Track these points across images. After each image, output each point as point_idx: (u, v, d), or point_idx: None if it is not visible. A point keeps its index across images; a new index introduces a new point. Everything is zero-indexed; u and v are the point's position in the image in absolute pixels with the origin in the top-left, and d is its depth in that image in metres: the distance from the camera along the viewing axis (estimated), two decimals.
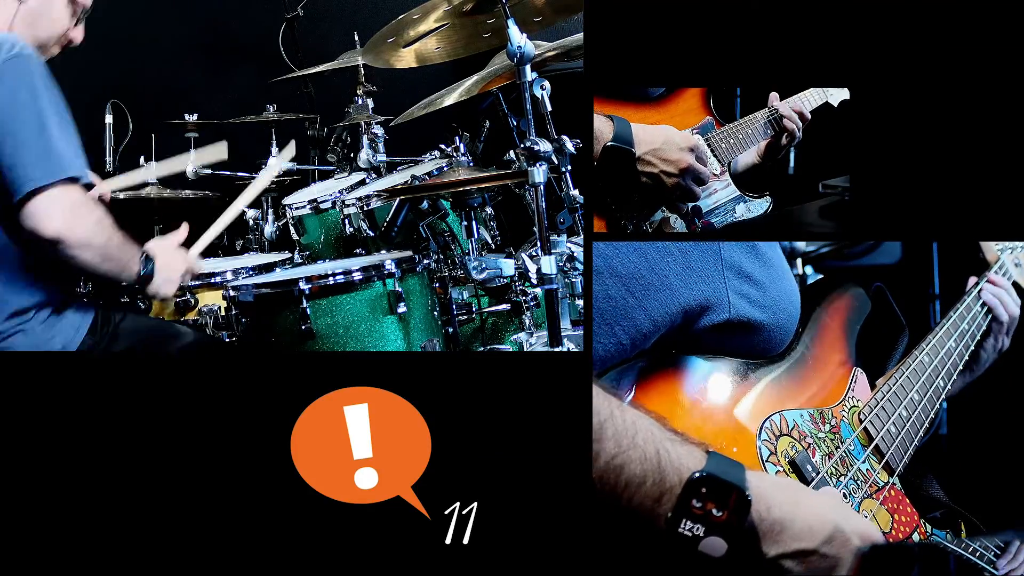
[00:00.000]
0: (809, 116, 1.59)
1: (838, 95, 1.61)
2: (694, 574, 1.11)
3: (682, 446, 1.15)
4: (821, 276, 2.12)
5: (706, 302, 1.34)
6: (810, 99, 1.62)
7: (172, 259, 2.03)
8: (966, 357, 1.66)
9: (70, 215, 1.83)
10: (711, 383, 1.34)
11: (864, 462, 1.40)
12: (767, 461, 1.28)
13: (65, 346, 1.97)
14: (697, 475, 1.11)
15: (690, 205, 1.56)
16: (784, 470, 1.28)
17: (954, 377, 1.62)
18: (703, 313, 1.34)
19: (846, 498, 1.32)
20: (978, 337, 1.70)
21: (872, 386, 1.53)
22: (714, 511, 1.09)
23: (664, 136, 1.52)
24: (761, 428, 1.31)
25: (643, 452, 1.13)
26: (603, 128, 1.48)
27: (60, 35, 2.07)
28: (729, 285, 1.36)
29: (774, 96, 1.60)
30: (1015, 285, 1.80)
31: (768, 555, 1.13)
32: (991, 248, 1.79)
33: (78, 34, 2.09)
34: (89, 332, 2.03)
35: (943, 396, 1.59)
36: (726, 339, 1.36)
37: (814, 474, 1.30)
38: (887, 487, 1.40)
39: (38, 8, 2.01)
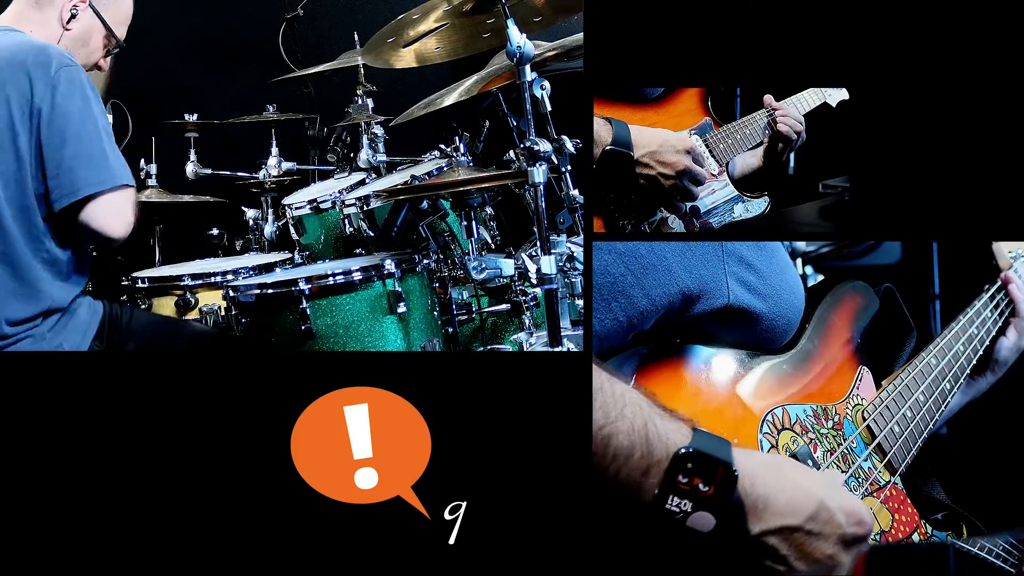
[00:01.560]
0: (802, 122, 1.60)
1: (836, 95, 1.61)
2: (681, 553, 1.11)
3: (670, 421, 1.15)
4: (822, 276, 2.12)
5: (705, 286, 1.34)
6: (806, 100, 1.62)
7: None
8: (974, 362, 1.65)
9: (128, 218, 2.00)
10: (713, 374, 1.35)
11: (866, 460, 1.40)
12: (768, 454, 1.28)
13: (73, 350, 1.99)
14: (683, 450, 1.10)
15: (688, 205, 1.56)
16: None
17: (961, 381, 1.62)
18: (701, 297, 1.34)
19: None
20: (987, 342, 1.69)
21: (877, 386, 1.54)
22: (701, 486, 1.09)
23: (661, 139, 1.53)
24: (763, 421, 1.32)
25: (631, 424, 1.13)
26: (602, 131, 1.48)
27: (92, 64, 2.20)
28: (729, 271, 1.36)
29: (768, 99, 1.60)
30: None
31: (752, 532, 1.12)
32: (1004, 255, 1.79)
33: (105, 64, 2.24)
34: (96, 337, 2.04)
35: (949, 399, 1.58)
36: (726, 327, 1.37)
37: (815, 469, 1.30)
38: (888, 486, 1.40)
39: (79, 37, 2.14)
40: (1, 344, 1.93)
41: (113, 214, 1.98)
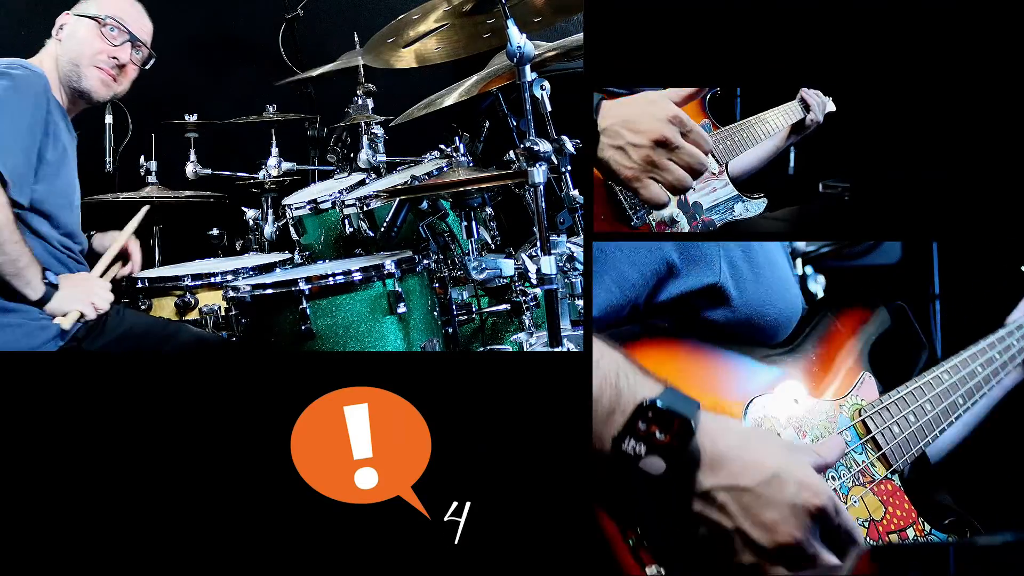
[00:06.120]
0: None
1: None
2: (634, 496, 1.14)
3: (643, 377, 1.19)
4: (823, 276, 2.12)
5: (696, 261, 1.36)
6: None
7: (74, 292, 2.17)
8: (993, 383, 1.65)
9: None
10: (700, 363, 1.36)
11: (859, 452, 1.40)
12: (746, 426, 1.30)
13: (57, 335, 2.02)
14: (648, 401, 1.15)
15: (683, 199, 1.55)
16: None
17: (976, 399, 1.61)
18: (691, 272, 1.36)
19: (833, 480, 1.33)
20: (1010, 368, 1.68)
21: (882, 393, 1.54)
22: (657, 433, 1.14)
23: (640, 108, 1.36)
24: (746, 411, 1.33)
25: (604, 373, 1.17)
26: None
27: (113, 65, 2.42)
28: (723, 252, 1.38)
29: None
30: None
31: (703, 486, 1.15)
32: None
33: (132, 70, 2.52)
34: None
35: (960, 413, 1.58)
36: (713, 310, 1.38)
37: None
38: (882, 480, 1.41)
39: (69, 39, 2.37)
40: None
41: None
